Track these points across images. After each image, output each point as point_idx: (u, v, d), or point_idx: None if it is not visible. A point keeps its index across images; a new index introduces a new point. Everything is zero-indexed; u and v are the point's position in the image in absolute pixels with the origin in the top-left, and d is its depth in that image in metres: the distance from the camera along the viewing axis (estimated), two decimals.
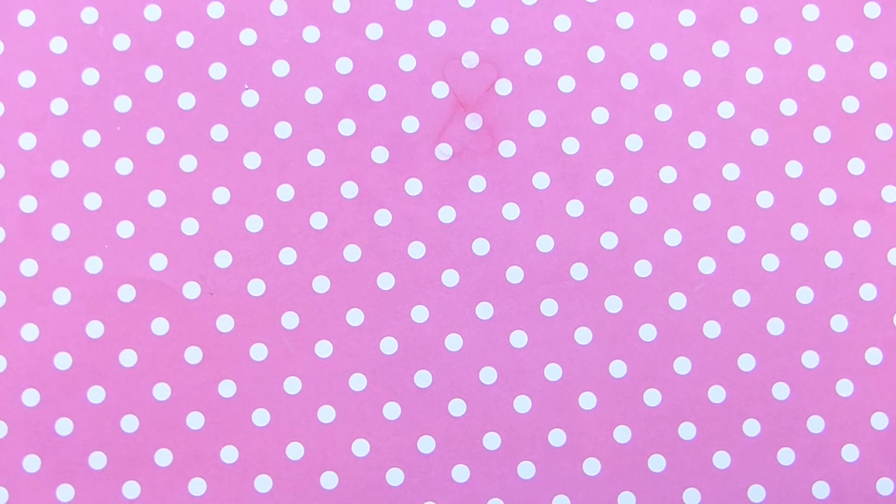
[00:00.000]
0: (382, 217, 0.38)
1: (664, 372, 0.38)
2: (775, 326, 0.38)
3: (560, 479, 0.37)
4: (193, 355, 0.38)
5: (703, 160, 0.39)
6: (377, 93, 0.39)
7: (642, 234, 0.38)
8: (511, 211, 0.38)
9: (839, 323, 0.38)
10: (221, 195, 0.38)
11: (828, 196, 0.38)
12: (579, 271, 0.38)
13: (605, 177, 0.38)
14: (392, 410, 0.38)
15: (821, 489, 0.37)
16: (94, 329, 0.38)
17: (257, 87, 0.39)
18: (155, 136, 0.38)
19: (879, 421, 0.38)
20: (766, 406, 0.37)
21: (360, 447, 0.37)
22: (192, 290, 0.38)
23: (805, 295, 0.38)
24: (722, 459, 0.37)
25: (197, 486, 0.37)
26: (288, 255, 0.38)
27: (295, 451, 0.37)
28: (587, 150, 0.39)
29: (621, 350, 0.38)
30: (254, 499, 0.37)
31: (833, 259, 0.38)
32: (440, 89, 0.39)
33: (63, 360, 0.37)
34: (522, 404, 0.38)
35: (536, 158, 0.39)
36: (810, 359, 0.38)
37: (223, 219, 0.38)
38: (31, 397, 0.37)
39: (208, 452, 0.37)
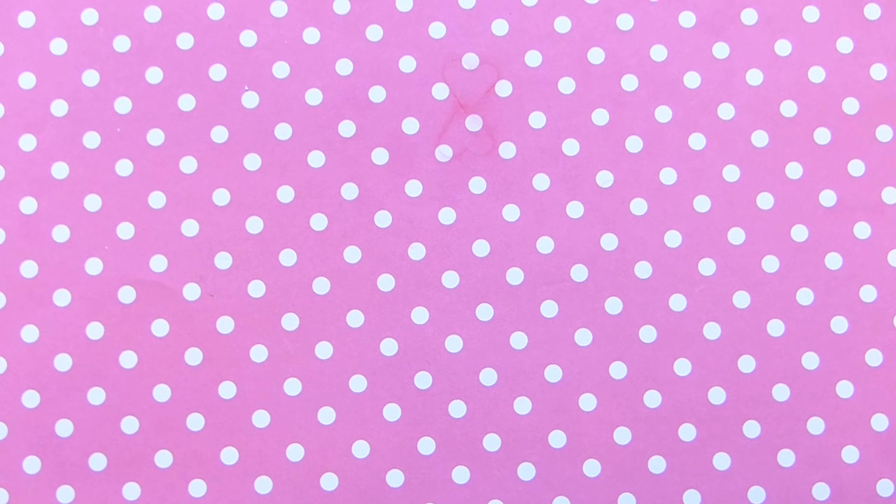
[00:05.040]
0: (382, 218, 0.38)
1: (664, 373, 0.38)
2: (775, 328, 0.38)
3: (560, 481, 0.37)
4: (193, 357, 0.38)
5: (704, 161, 0.39)
6: (377, 94, 0.39)
7: (642, 236, 0.38)
8: (511, 212, 0.38)
9: (839, 324, 0.38)
10: (221, 196, 0.38)
11: (828, 197, 0.38)
12: (579, 273, 0.38)
13: (605, 178, 0.38)
14: (392, 412, 0.38)
15: (821, 490, 0.37)
16: (95, 330, 0.38)
17: (257, 88, 0.39)
18: (155, 137, 0.38)
19: (879, 422, 0.38)
20: (766, 407, 0.37)
21: (361, 448, 0.37)
22: (192, 291, 0.38)
23: (805, 296, 0.38)
24: (722, 461, 0.37)
25: (197, 488, 0.37)
26: (288, 257, 0.38)
27: (295, 452, 0.37)
28: (587, 152, 0.39)
29: (621, 351, 0.38)
30: (254, 500, 0.37)
31: (833, 260, 0.38)
32: (440, 91, 0.39)
33: (63, 362, 0.37)
34: (522, 406, 0.38)
35: (536, 160, 0.39)
36: (810, 360, 0.38)
37: (223, 220, 0.38)
38: (31, 398, 0.37)
39: (208, 454, 0.37)
